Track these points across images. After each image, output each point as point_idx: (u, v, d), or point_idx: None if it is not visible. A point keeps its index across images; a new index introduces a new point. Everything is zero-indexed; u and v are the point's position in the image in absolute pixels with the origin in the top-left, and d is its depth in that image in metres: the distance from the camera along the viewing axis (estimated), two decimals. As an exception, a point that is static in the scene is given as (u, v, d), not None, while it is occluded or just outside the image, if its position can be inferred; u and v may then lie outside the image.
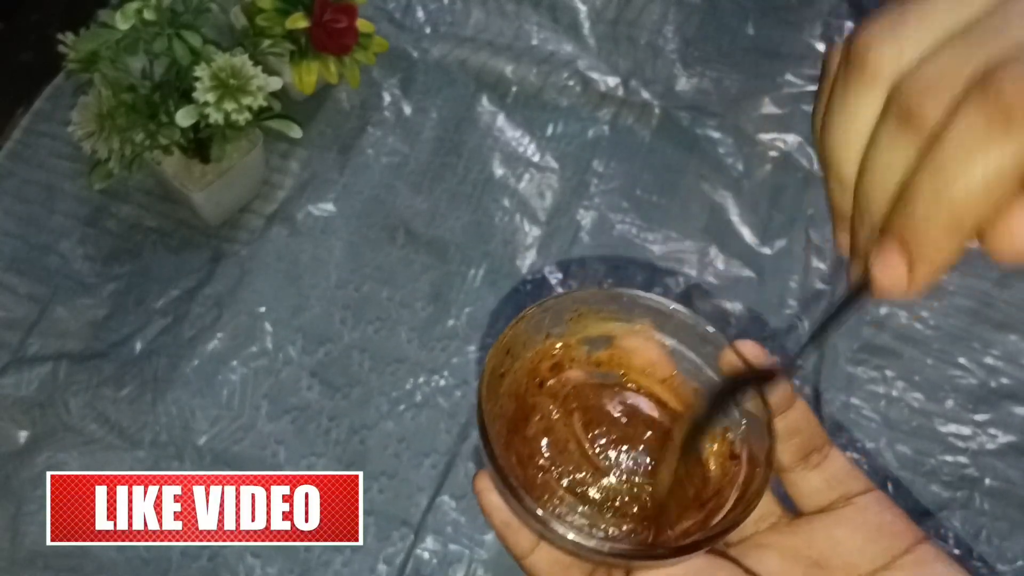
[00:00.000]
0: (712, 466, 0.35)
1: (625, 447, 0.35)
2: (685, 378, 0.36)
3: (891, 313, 0.73)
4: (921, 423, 0.69)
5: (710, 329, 0.34)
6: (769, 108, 0.81)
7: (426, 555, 0.64)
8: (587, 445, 0.35)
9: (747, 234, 0.76)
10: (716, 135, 0.80)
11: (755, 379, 0.32)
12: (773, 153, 0.79)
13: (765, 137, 0.80)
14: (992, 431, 0.69)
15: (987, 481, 0.67)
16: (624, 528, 0.34)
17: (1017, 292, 0.74)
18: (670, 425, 0.36)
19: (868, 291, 0.26)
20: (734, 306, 0.73)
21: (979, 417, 0.69)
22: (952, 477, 0.68)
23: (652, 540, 0.34)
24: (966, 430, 0.69)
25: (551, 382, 0.37)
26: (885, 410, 0.70)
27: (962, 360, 0.72)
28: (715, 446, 0.35)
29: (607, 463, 0.35)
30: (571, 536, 0.30)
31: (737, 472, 0.33)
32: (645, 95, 0.81)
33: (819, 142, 0.26)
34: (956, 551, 0.65)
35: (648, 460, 0.35)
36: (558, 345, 0.37)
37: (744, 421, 0.34)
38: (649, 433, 0.36)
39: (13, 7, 0.82)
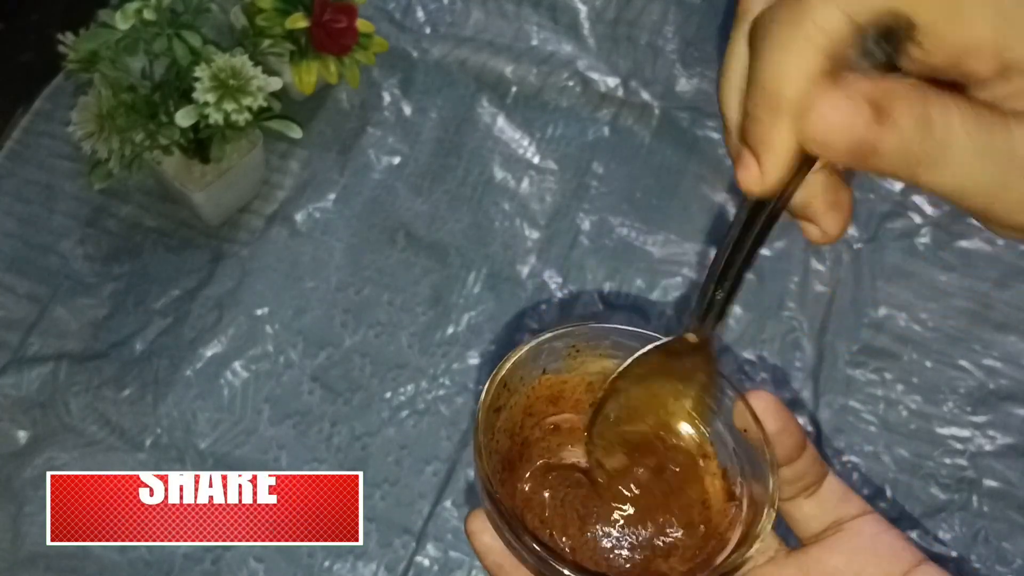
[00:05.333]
0: (712, 508, 0.34)
1: (624, 487, 0.34)
2: None
3: (890, 315, 0.73)
4: (920, 425, 0.70)
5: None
6: (769, 109, 0.81)
7: (427, 562, 0.64)
8: (585, 489, 0.34)
9: (747, 236, 0.76)
10: (716, 136, 0.80)
11: None
12: (773, 154, 0.79)
13: (765, 138, 0.80)
14: (991, 433, 0.69)
15: (986, 483, 0.67)
16: (622, 569, 0.33)
17: (1016, 293, 0.74)
18: (670, 461, 0.35)
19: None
20: (733, 308, 0.73)
21: (978, 419, 0.70)
22: (951, 479, 0.68)
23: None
24: (965, 432, 0.69)
25: (548, 420, 0.35)
26: (884, 413, 0.70)
27: (961, 362, 0.72)
28: (715, 486, 0.34)
29: (605, 505, 0.34)
30: None
31: (737, 514, 0.33)
32: (645, 96, 0.81)
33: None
34: (954, 553, 0.65)
35: (648, 501, 0.34)
36: (554, 382, 0.35)
37: (743, 462, 0.33)
38: (647, 473, 0.34)
39: (13, 7, 0.81)
